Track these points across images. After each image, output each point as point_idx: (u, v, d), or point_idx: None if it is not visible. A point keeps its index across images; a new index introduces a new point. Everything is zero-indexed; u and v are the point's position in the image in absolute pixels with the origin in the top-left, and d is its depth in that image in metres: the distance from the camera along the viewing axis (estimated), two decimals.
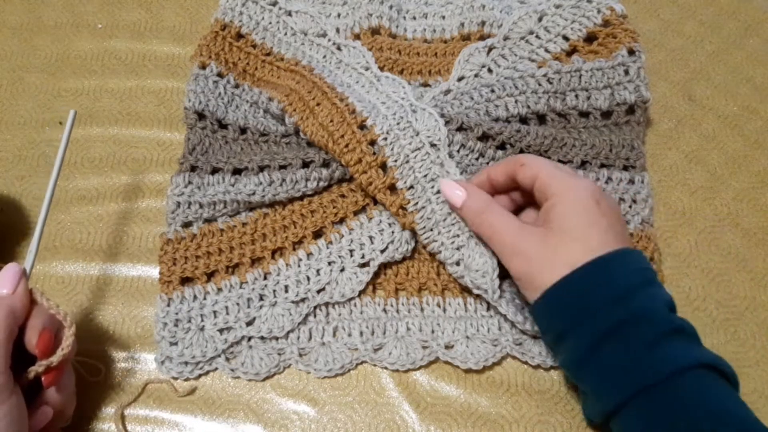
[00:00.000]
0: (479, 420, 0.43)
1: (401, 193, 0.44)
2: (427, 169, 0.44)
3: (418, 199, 0.44)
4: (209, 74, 0.51)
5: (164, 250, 0.46)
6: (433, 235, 0.44)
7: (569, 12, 0.52)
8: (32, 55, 0.56)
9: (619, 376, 0.35)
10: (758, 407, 0.43)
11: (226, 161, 0.47)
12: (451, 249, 0.43)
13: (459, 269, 0.43)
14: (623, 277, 0.37)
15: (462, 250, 0.43)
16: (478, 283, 0.42)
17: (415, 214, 0.44)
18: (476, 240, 0.43)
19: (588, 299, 0.36)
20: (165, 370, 0.43)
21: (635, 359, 0.35)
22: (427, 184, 0.44)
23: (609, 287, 0.36)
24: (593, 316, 0.36)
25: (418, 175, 0.44)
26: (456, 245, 0.43)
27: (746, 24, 0.58)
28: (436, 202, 0.43)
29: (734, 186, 0.51)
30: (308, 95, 0.48)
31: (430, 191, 0.44)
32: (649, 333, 0.35)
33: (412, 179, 0.44)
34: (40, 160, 0.51)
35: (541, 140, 0.47)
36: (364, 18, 0.54)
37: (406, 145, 0.44)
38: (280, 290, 0.45)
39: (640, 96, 0.49)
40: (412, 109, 0.45)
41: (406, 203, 0.44)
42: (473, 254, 0.43)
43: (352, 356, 0.44)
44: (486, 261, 0.42)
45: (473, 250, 0.43)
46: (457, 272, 0.44)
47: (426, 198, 0.44)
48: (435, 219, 0.43)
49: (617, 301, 0.36)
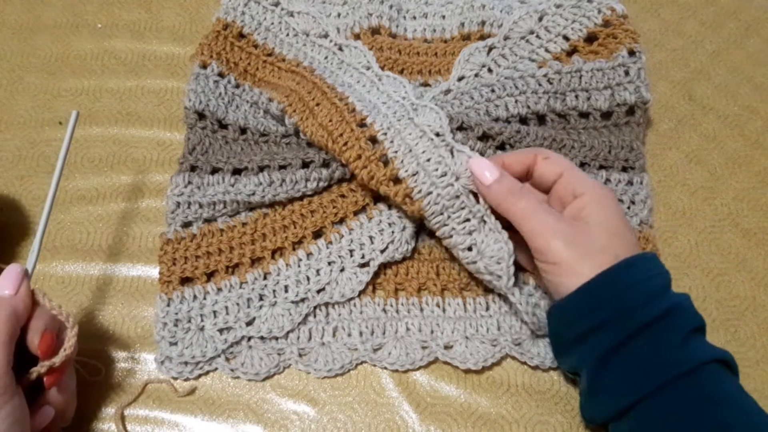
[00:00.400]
0: (479, 420, 0.43)
1: (405, 182, 0.43)
2: (430, 154, 0.43)
3: (422, 185, 0.42)
4: (210, 74, 0.51)
5: (164, 250, 0.46)
6: (443, 219, 0.43)
7: (570, 12, 0.52)
8: (32, 55, 0.56)
9: (647, 369, 0.36)
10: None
11: (226, 161, 0.47)
12: (463, 234, 0.42)
13: (471, 254, 0.42)
14: (657, 276, 0.38)
15: (474, 235, 0.42)
16: (493, 269, 0.41)
17: (422, 201, 0.42)
18: (490, 225, 0.42)
19: (630, 293, 0.37)
20: (165, 370, 0.43)
21: (666, 353, 0.36)
22: (431, 168, 0.42)
23: (648, 285, 0.37)
24: (634, 310, 0.37)
25: (421, 160, 0.42)
26: (467, 230, 0.42)
27: (746, 24, 0.58)
28: (441, 187, 0.42)
29: (734, 186, 0.51)
30: (308, 96, 0.48)
31: (434, 175, 0.42)
32: (680, 329, 0.36)
33: (415, 166, 0.43)
34: (40, 160, 0.51)
35: (540, 141, 0.47)
36: (364, 18, 0.54)
37: (407, 135, 0.43)
38: (280, 290, 0.45)
39: (641, 97, 0.49)
40: (413, 108, 0.45)
41: (410, 191, 0.43)
42: (487, 240, 0.42)
43: (351, 356, 0.44)
44: (501, 247, 0.41)
45: (487, 236, 0.42)
46: (469, 258, 0.42)
47: (431, 182, 0.42)
48: (443, 204, 0.42)
49: (654, 298, 0.37)
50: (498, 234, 0.42)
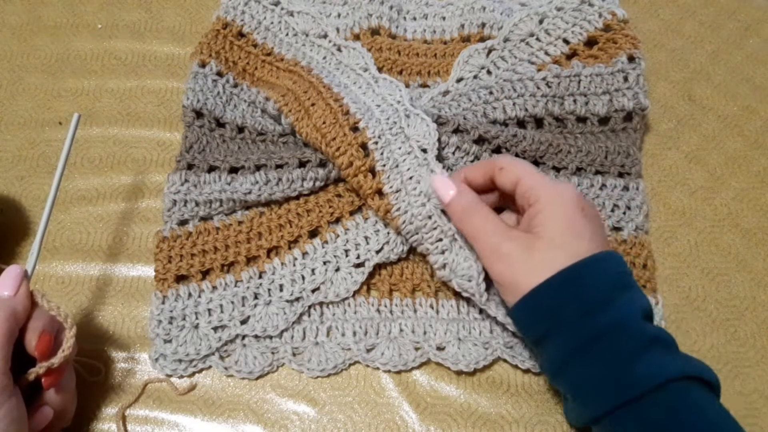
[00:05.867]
0: (479, 420, 0.43)
1: (387, 197, 0.44)
2: (413, 171, 0.43)
3: (401, 203, 0.43)
4: (209, 73, 0.51)
5: (160, 247, 0.46)
6: (417, 238, 0.43)
7: (570, 15, 0.52)
8: (32, 55, 0.56)
9: (598, 388, 0.35)
10: (758, 407, 0.43)
11: (223, 160, 0.47)
12: (436, 253, 0.43)
13: (446, 273, 0.43)
14: (600, 284, 0.36)
15: (446, 254, 0.42)
16: (465, 287, 0.42)
17: (398, 219, 0.43)
18: (460, 244, 0.42)
19: (563, 309, 0.36)
20: (159, 368, 0.43)
21: (614, 372, 0.35)
22: (410, 187, 0.43)
23: (584, 297, 0.36)
24: (569, 326, 0.36)
25: (405, 178, 0.43)
26: (440, 249, 0.43)
27: (746, 24, 0.58)
28: (415, 206, 0.43)
29: (734, 186, 0.51)
30: (304, 95, 0.48)
31: (412, 194, 0.43)
32: (626, 346, 0.35)
33: (399, 183, 0.43)
34: (40, 161, 0.51)
35: (536, 146, 0.47)
36: (364, 18, 0.54)
37: (396, 149, 0.44)
38: (275, 289, 0.45)
39: (639, 103, 0.48)
40: (405, 114, 0.45)
41: (390, 207, 0.43)
42: (458, 258, 0.42)
43: (345, 356, 0.44)
44: (471, 265, 0.41)
45: (457, 254, 0.42)
46: (445, 276, 0.43)
47: (408, 202, 0.43)
48: (416, 224, 0.43)
49: (591, 311, 0.36)
50: (468, 252, 0.42)
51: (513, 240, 0.38)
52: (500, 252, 0.38)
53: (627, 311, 0.36)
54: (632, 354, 0.35)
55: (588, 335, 0.35)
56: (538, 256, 0.37)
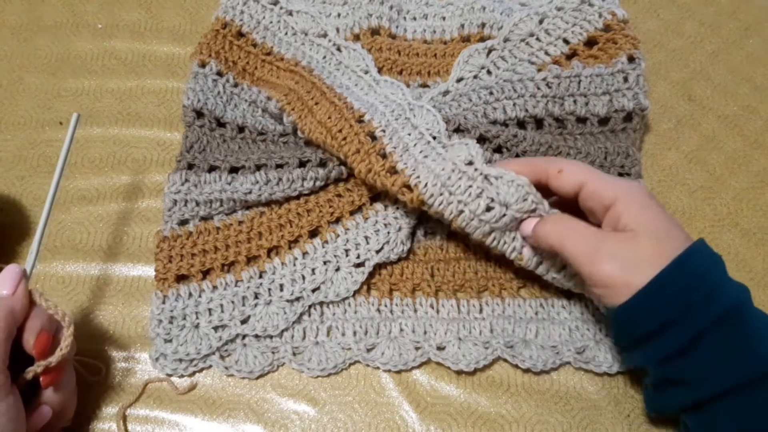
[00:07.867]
0: (479, 420, 0.43)
1: (403, 173, 0.42)
2: (427, 152, 0.42)
3: (420, 172, 0.41)
4: (209, 72, 0.51)
5: (160, 247, 0.46)
6: (444, 197, 0.41)
7: (571, 15, 0.52)
8: (32, 55, 0.56)
9: (717, 369, 0.35)
10: None
11: (224, 159, 0.47)
12: (474, 200, 0.40)
13: (495, 212, 0.40)
14: (712, 269, 0.37)
15: (486, 192, 0.40)
16: (526, 208, 0.40)
17: (420, 185, 0.41)
18: (495, 174, 0.40)
19: (689, 294, 0.35)
20: (159, 367, 0.43)
21: (737, 353, 0.35)
22: (428, 162, 0.42)
23: (703, 281, 0.36)
24: (697, 310, 0.35)
25: (419, 158, 0.42)
26: (475, 193, 0.40)
27: (746, 24, 0.58)
28: (437, 170, 0.41)
29: (734, 186, 0.51)
30: (307, 95, 0.48)
31: (432, 163, 0.41)
32: (750, 326, 0.35)
33: (413, 162, 0.42)
34: (40, 161, 0.51)
35: (537, 146, 0.47)
36: (364, 18, 0.54)
37: (405, 135, 0.43)
38: (275, 289, 0.45)
39: (639, 104, 0.48)
40: (410, 108, 0.45)
41: (407, 180, 0.42)
42: (500, 188, 0.39)
43: (345, 356, 0.44)
44: (517, 182, 0.39)
45: (498, 186, 0.40)
46: (496, 215, 0.40)
47: (427, 169, 0.41)
48: (442, 180, 0.40)
49: (712, 295, 0.35)
50: (506, 175, 0.39)
51: (611, 240, 0.37)
52: (603, 253, 0.37)
53: (742, 293, 0.36)
54: (755, 335, 0.35)
55: (714, 317, 0.35)
56: (648, 250, 0.36)
